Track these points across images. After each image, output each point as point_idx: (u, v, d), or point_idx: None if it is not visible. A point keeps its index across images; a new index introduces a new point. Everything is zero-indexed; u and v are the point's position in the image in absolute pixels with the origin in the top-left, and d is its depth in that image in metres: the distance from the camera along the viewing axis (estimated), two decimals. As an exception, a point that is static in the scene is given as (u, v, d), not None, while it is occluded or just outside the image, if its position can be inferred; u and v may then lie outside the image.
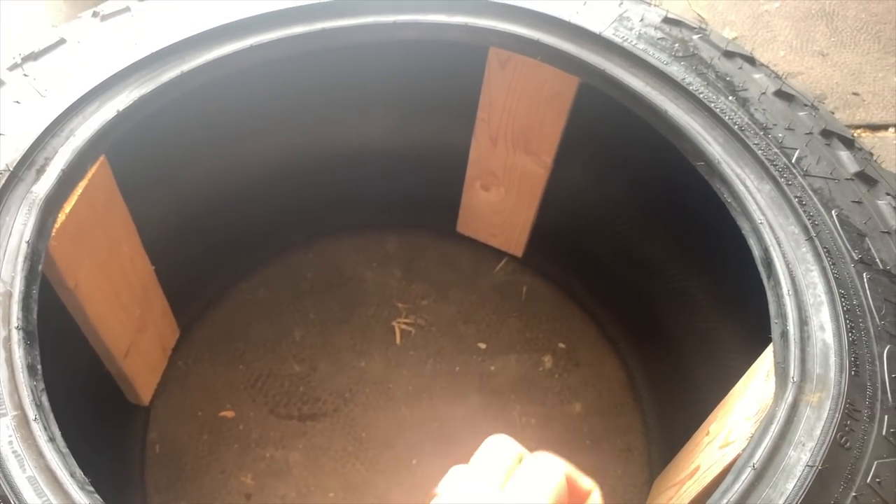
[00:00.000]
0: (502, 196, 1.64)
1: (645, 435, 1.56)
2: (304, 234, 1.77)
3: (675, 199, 1.47)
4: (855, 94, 2.36)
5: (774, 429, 0.82)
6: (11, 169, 0.98)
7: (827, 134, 1.16)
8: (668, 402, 1.57)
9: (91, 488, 0.77)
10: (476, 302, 1.73)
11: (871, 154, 1.17)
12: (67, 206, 1.01)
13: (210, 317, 1.63)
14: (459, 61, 1.42)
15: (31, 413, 0.79)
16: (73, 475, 0.76)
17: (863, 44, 2.51)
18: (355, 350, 1.62)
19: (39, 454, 0.77)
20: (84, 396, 1.28)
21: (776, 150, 1.13)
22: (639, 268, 1.61)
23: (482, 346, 1.66)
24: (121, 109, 1.09)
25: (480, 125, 1.52)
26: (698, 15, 2.55)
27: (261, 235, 1.69)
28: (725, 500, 0.77)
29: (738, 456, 0.83)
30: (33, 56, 1.12)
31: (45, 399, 0.82)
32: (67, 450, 0.78)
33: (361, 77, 1.56)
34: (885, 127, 2.28)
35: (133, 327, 1.30)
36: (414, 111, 1.65)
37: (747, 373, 1.04)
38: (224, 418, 1.51)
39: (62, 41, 1.15)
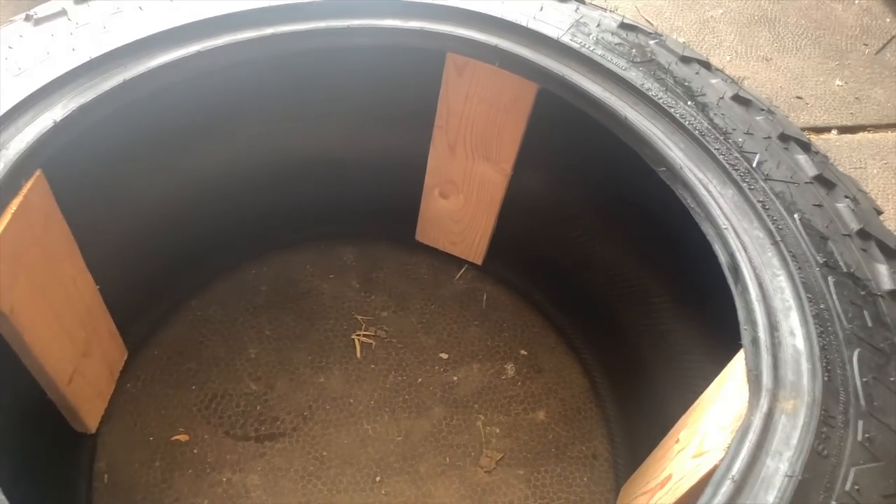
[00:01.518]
0: (462, 204, 1.61)
1: (609, 441, 1.56)
2: (257, 247, 1.72)
3: (635, 204, 1.47)
4: (798, 97, 2.42)
5: (751, 438, 0.81)
6: (-62, 186, 0.90)
7: (784, 138, 1.17)
8: (631, 407, 1.56)
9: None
10: (437, 311, 1.70)
11: (827, 157, 1.19)
12: (0, 226, 0.94)
13: (160, 336, 1.55)
14: (416, 67, 1.39)
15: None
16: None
17: (804, 49, 2.58)
18: (314, 365, 1.57)
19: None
20: (24, 427, 1.20)
21: (737, 154, 1.14)
22: (598, 273, 1.61)
23: (444, 356, 1.63)
24: (57, 120, 1.02)
25: (438, 132, 1.49)
26: (647, 21, 2.58)
27: (211, 249, 1.62)
28: (707, 515, 0.76)
29: (716, 467, 0.82)
30: (-40, 64, 1.05)
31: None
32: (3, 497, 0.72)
33: (314, 84, 1.51)
34: (828, 129, 2.35)
35: (77, 351, 1.23)
36: (369, 118, 1.61)
37: (717, 379, 1.04)
38: (177, 442, 1.43)
39: (-9, 48, 1.07)
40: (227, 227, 1.62)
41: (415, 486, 1.45)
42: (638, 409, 1.53)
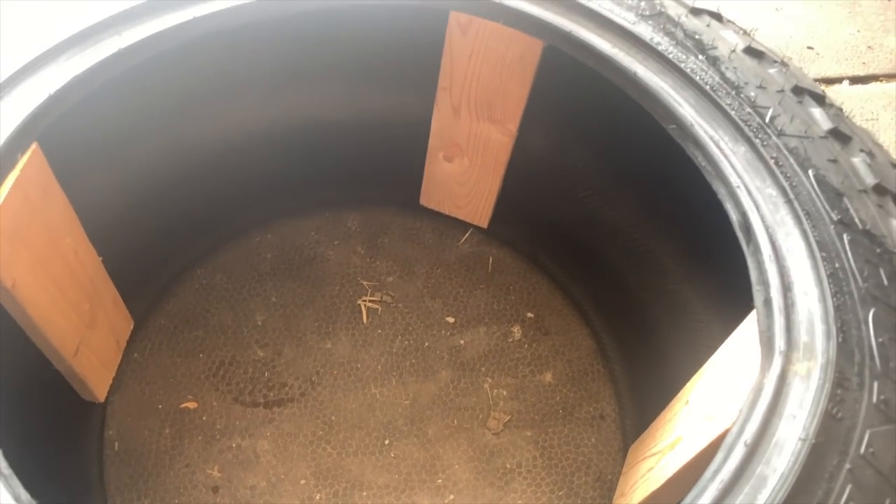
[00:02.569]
0: (466, 167, 1.59)
1: (617, 402, 1.56)
2: (260, 214, 1.70)
3: (644, 163, 1.45)
4: (810, 48, 2.36)
5: (763, 402, 0.80)
6: (-68, 160, 0.88)
7: (798, 91, 1.14)
8: (638, 368, 1.56)
9: (41, 508, 0.71)
10: (442, 276, 1.69)
11: (841, 109, 1.15)
12: (-1, 199, 0.92)
13: (166, 305, 1.55)
14: (419, 27, 1.35)
15: (-29, 431, 0.72)
16: (17, 499, 0.69)
17: (816, -3, 2.51)
18: (320, 331, 1.57)
19: (-18, 477, 0.70)
20: (33, 398, 1.21)
21: (749, 109, 1.10)
22: (606, 234, 1.59)
23: (450, 319, 1.63)
24: (52, 92, 0.99)
25: (442, 94, 1.45)
26: (653, -29, 2.50)
27: (215, 217, 1.61)
28: (719, 479, 0.75)
29: (727, 431, 0.81)
30: (-51, 33, 1.02)
31: (-14, 413, 0.75)
32: (10, 470, 0.71)
33: (315, 47, 1.47)
34: (839, 80, 2.29)
35: (82, 323, 1.22)
36: (371, 81, 1.58)
37: (728, 341, 1.02)
38: (186, 410, 1.44)
39: (-20, 16, 1.04)
40: (230, 195, 1.60)
41: (423, 449, 1.45)
42: (646, 370, 1.53)
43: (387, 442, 1.46)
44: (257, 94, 1.52)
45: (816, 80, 2.24)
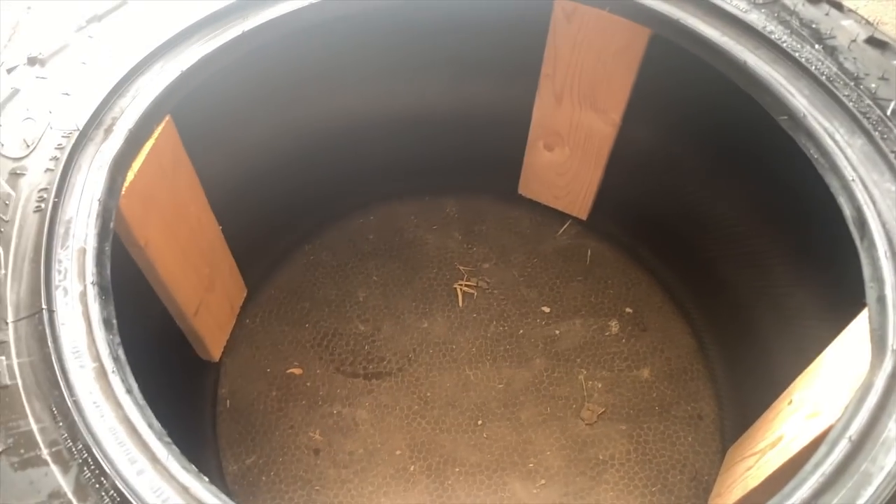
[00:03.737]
0: (567, 156, 1.59)
1: (717, 402, 1.52)
2: (364, 198, 1.77)
3: (752, 157, 1.40)
4: (948, 44, 2.19)
5: (872, 399, 0.77)
6: (80, 128, 0.99)
7: (926, 83, 1.08)
8: (740, 369, 1.51)
9: (168, 440, 0.78)
10: (539, 265, 1.70)
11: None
12: (135, 165, 1.02)
13: (276, 277, 1.65)
14: (522, 15, 1.37)
15: (109, 366, 0.80)
16: (151, 426, 0.77)
17: (958, -10, 2.33)
18: (418, 311, 1.62)
19: (118, 405, 0.78)
20: (157, 351, 1.32)
21: (869, 101, 1.06)
22: (711, 231, 1.55)
23: (546, 309, 1.64)
24: (184, 69, 1.08)
25: (545, 81, 1.47)
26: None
27: (322, 198, 1.69)
28: (819, 472, 0.73)
29: (831, 427, 0.79)
30: (97, 18, 1.13)
31: (121, 353, 0.84)
32: (144, 402, 0.80)
33: (420, 35, 1.52)
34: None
35: (202, 285, 1.32)
36: (474, 70, 1.61)
37: (837, 339, 0.99)
38: (292, 375, 1.53)
39: (124, 2, 1.15)
40: (337, 177, 1.68)
41: (515, 433, 1.47)
42: (748, 372, 1.48)
43: (479, 422, 1.49)
44: (365, 81, 1.59)
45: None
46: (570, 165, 1.61)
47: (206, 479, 0.78)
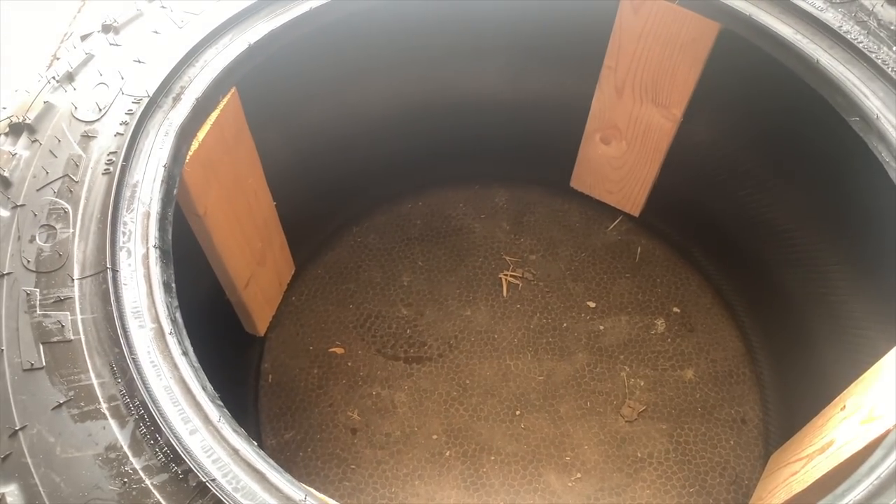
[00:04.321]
0: (623, 150, 1.57)
1: (762, 407, 1.49)
2: (414, 183, 1.77)
3: (817, 160, 1.37)
4: None
5: (933, 405, 0.74)
6: (150, 95, 1.01)
7: None
8: (789, 376, 1.48)
9: (220, 403, 0.80)
10: (586, 260, 1.68)
11: None
12: (200, 134, 1.04)
13: (323, 257, 1.66)
14: (587, 5, 1.35)
15: (167, 327, 0.82)
16: (204, 388, 0.79)
17: None
18: (461, 299, 1.62)
19: (174, 366, 0.80)
20: (205, 323, 1.34)
21: (946, 105, 1.02)
22: (767, 234, 1.52)
23: (591, 304, 1.62)
24: (252, 43, 1.10)
25: (606, 73, 1.45)
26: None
27: (373, 181, 1.70)
28: (875, 475, 0.71)
29: (888, 431, 0.77)
30: (171, -11, 1.15)
31: (178, 315, 0.85)
32: (199, 364, 0.81)
33: (481, 23, 1.51)
34: None
35: (254, 259, 1.34)
36: (534, 59, 1.60)
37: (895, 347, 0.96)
38: (334, 354, 1.54)
39: (199, -27, 1.16)
40: (388, 161, 1.68)
41: (553, 425, 1.47)
42: (797, 378, 1.45)
43: (518, 413, 1.48)
44: (422, 67, 1.59)
45: None
46: (625, 160, 1.59)
47: (255, 444, 0.79)
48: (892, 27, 1.12)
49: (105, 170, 0.93)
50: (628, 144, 1.55)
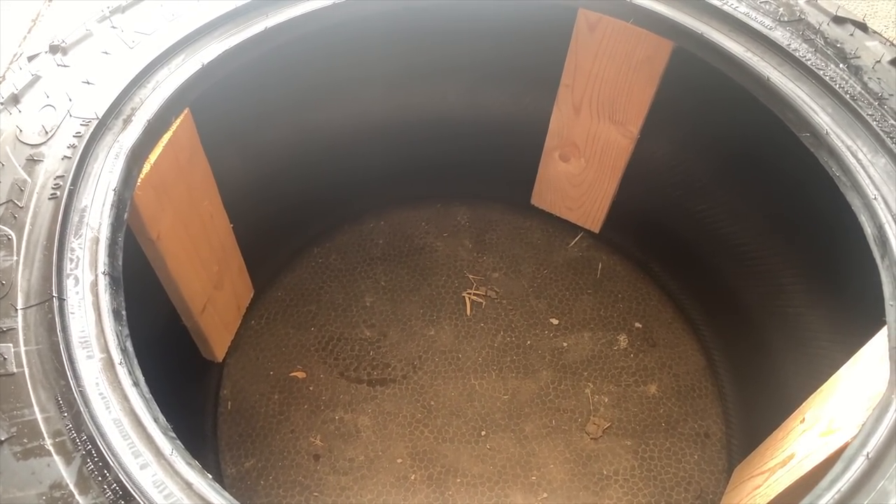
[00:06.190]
0: (582, 168, 1.58)
1: (724, 420, 1.50)
2: (375, 202, 1.76)
3: (770, 175, 1.39)
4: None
5: (890, 417, 0.75)
6: (100, 117, 0.98)
7: (951, 105, 1.07)
8: (749, 389, 1.50)
9: (173, 434, 0.77)
10: (549, 277, 1.68)
11: None
12: (152, 157, 1.01)
13: (283, 279, 1.64)
14: (543, 24, 1.36)
15: (117, 357, 0.79)
16: (156, 420, 0.76)
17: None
18: (425, 318, 1.60)
19: (124, 398, 0.77)
20: (160, 349, 1.30)
21: (893, 121, 1.05)
22: (724, 249, 1.54)
23: (554, 321, 1.62)
24: (205, 63, 1.08)
25: (563, 91, 1.46)
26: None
27: (334, 201, 1.68)
28: (835, 489, 0.71)
29: (847, 444, 0.77)
30: (121, 9, 1.12)
31: (129, 344, 0.82)
32: (151, 395, 0.78)
33: (440, 40, 1.52)
34: None
35: (210, 283, 1.31)
36: (491, 79, 1.61)
37: (853, 358, 0.97)
38: (295, 378, 1.51)
39: (150, -6, 1.14)
40: (349, 181, 1.67)
41: (519, 445, 1.46)
42: (757, 390, 1.46)
43: (483, 433, 1.47)
44: (381, 87, 1.58)
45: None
46: (584, 177, 1.60)
47: (210, 477, 0.76)
48: (839, 45, 1.15)
49: (52, 194, 0.90)
50: (587, 161, 1.56)
